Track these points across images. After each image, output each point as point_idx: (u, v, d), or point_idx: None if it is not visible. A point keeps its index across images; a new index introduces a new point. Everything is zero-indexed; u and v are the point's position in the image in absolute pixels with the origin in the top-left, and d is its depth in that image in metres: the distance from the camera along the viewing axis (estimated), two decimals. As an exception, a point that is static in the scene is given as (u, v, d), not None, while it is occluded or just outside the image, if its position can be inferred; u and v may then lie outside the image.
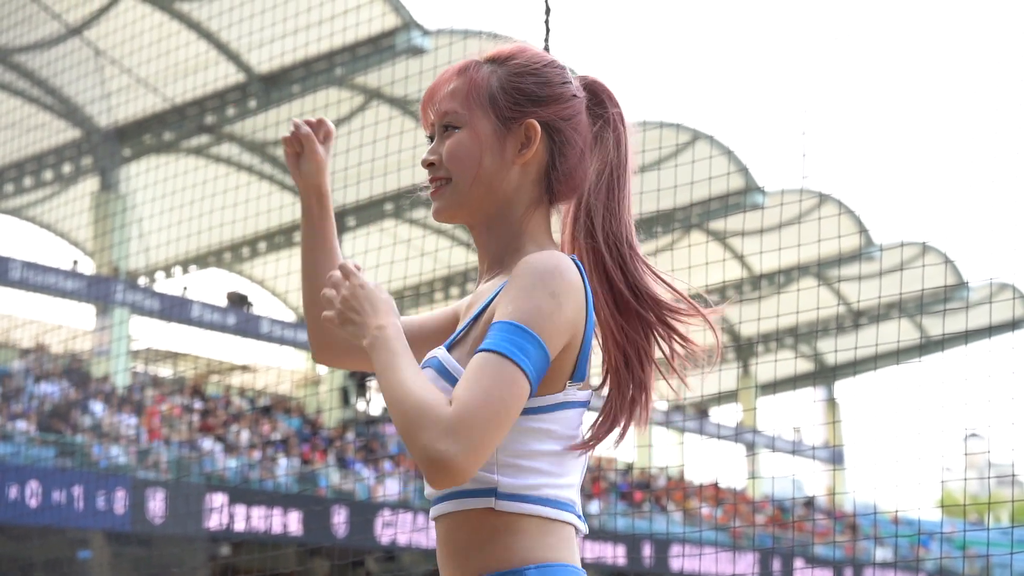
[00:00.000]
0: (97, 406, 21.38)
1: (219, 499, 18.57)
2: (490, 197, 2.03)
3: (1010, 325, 32.32)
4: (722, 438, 36.26)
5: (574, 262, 1.95)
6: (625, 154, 2.09)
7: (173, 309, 25.78)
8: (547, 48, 8.06)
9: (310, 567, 21.70)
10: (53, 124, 24.78)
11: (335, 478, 22.76)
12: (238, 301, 28.18)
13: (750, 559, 24.26)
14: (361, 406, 27.18)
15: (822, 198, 25.15)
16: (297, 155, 2.24)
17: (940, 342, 22.61)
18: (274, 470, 22.05)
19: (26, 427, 19.41)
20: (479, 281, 2.10)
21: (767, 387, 36.56)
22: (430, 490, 1.99)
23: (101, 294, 23.91)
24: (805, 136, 24.20)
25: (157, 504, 17.83)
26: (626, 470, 31.76)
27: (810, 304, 21.67)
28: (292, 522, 19.12)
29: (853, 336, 30.03)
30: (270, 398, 28.02)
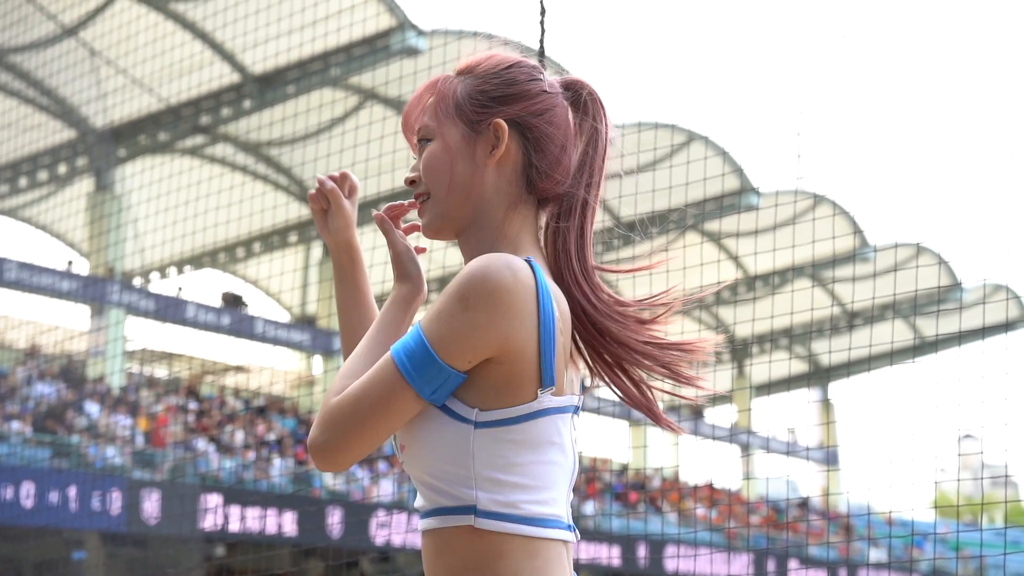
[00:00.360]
0: (92, 407, 21.36)
1: (214, 500, 18.55)
2: (468, 203, 2.01)
3: (1004, 326, 32.35)
4: (717, 439, 36.30)
5: (530, 264, 1.88)
6: (601, 158, 2.05)
7: (168, 310, 25.77)
8: (542, 48, 8.05)
9: (305, 568, 21.71)
10: (48, 124, 24.77)
11: (329, 479, 22.74)
12: (233, 301, 28.15)
13: (745, 560, 24.28)
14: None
15: (817, 199, 25.20)
16: (324, 211, 2.20)
17: (934, 343, 22.65)
18: (269, 471, 22.04)
19: (21, 428, 19.40)
20: None
21: (762, 388, 36.62)
22: (418, 501, 1.97)
23: (96, 295, 23.90)
24: (800, 137, 24.27)
25: (152, 505, 17.82)
26: (621, 471, 31.78)
27: (805, 305, 21.75)
28: (287, 523, 19.11)
29: (847, 337, 30.08)
30: (265, 398, 28.00)
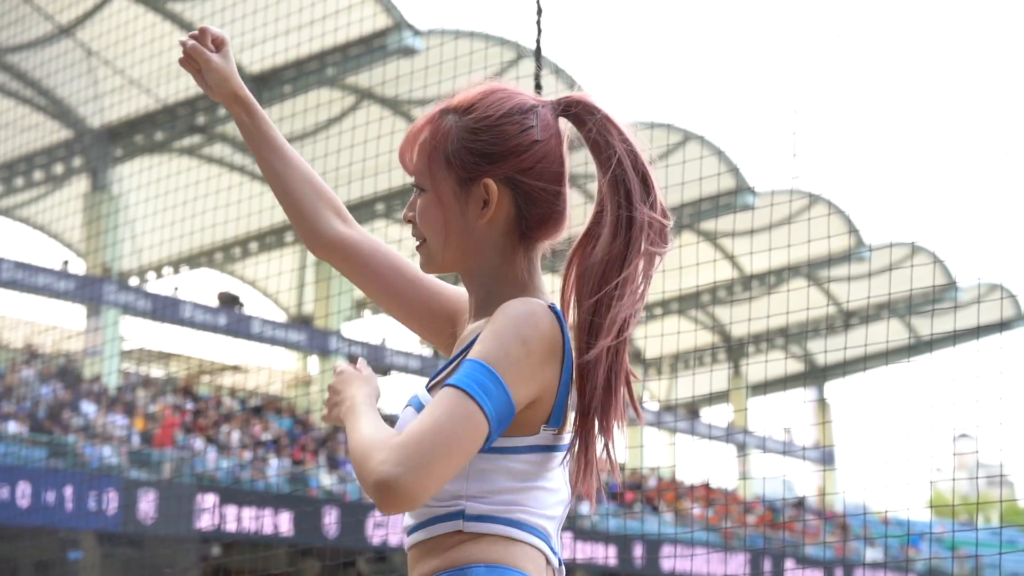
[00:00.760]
0: (88, 406, 21.36)
1: (210, 499, 18.55)
2: (464, 255, 2.06)
3: (999, 325, 32.43)
4: (713, 439, 36.34)
5: (553, 310, 1.95)
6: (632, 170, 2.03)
7: (164, 309, 25.76)
8: (539, 49, 8.04)
9: (301, 568, 21.70)
10: (45, 124, 24.76)
11: (326, 478, 22.75)
12: (229, 301, 28.15)
13: (741, 559, 24.29)
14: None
15: (812, 198, 25.22)
16: (200, 72, 2.26)
17: (929, 342, 22.68)
18: (265, 470, 22.04)
19: (17, 427, 19.39)
20: (468, 320, 2.13)
21: (758, 388, 36.61)
22: (407, 520, 2.02)
23: (93, 294, 23.89)
24: (795, 136, 24.30)
25: (148, 505, 17.81)
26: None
27: (800, 304, 21.75)
28: (283, 522, 19.11)
29: (843, 336, 30.13)
30: (261, 398, 28.01)
